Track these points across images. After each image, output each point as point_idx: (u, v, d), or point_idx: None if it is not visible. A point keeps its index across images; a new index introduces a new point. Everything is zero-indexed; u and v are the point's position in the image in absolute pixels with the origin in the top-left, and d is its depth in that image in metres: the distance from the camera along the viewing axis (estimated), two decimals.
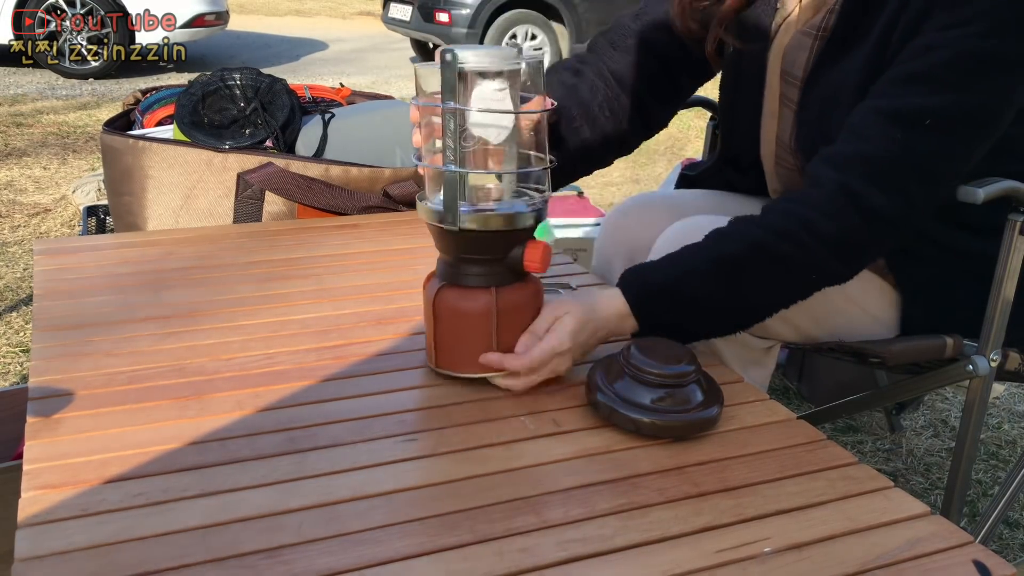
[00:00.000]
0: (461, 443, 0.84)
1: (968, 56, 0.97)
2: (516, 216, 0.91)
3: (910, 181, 0.98)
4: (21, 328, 2.21)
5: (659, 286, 0.97)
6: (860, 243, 0.99)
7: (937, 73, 0.97)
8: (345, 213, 1.56)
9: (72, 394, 0.89)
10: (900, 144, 0.97)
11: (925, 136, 0.97)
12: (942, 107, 0.97)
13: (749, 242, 0.98)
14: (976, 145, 1.00)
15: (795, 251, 0.97)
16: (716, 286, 0.97)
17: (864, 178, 0.97)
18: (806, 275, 1.00)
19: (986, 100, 0.98)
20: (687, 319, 0.98)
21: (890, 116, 0.98)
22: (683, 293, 0.97)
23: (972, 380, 1.15)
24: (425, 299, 0.96)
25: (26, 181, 3.47)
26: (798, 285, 1.01)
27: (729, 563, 0.69)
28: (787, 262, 0.98)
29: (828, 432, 1.45)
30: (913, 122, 0.97)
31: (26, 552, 0.66)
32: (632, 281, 0.98)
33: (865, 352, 1.16)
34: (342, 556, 0.67)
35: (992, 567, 0.69)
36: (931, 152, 0.98)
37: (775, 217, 0.99)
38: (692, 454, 0.84)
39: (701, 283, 0.97)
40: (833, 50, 1.10)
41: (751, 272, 0.98)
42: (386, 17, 7.45)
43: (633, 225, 1.31)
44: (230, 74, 1.74)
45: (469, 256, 0.93)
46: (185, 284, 1.16)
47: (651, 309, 0.97)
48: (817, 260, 0.98)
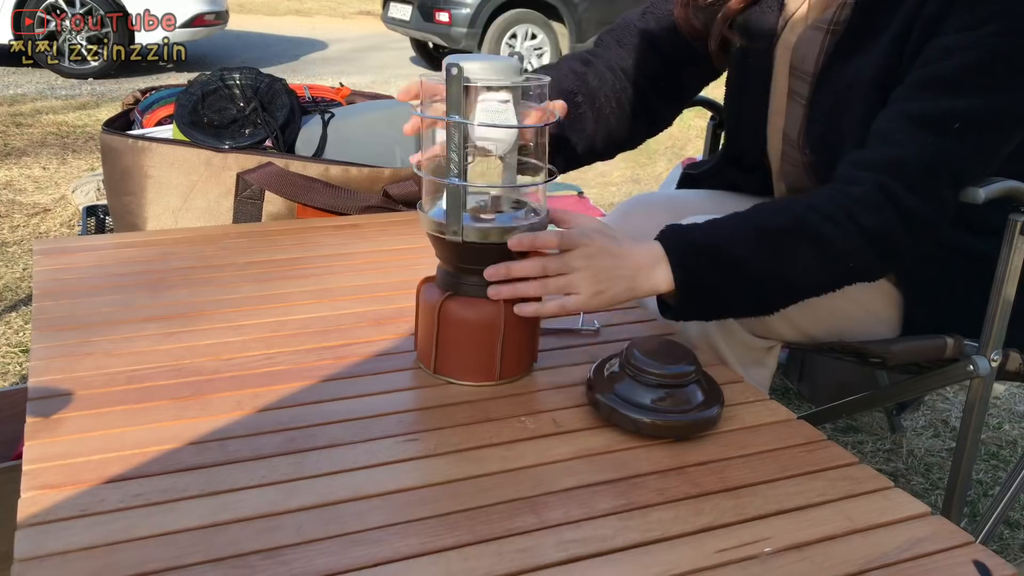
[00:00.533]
0: (461, 443, 0.84)
1: (990, 58, 0.97)
2: (516, 229, 0.91)
3: (943, 185, 0.99)
4: (21, 328, 2.21)
5: (702, 243, 0.94)
6: (897, 241, 0.99)
7: (961, 76, 0.98)
8: (345, 213, 1.56)
9: (72, 394, 0.89)
10: (931, 148, 0.98)
11: (955, 140, 0.98)
12: (969, 110, 0.97)
13: (794, 215, 0.97)
14: (1004, 145, 1.01)
15: (837, 234, 0.96)
16: (759, 253, 0.94)
17: (899, 181, 0.97)
18: (843, 261, 0.98)
19: (1012, 100, 0.98)
20: (725, 284, 0.95)
21: (918, 120, 0.98)
22: (727, 254, 0.94)
23: (973, 380, 1.15)
24: (424, 305, 0.96)
25: (25, 181, 3.47)
26: (834, 270, 0.99)
27: (729, 563, 0.69)
28: (828, 243, 0.96)
29: (828, 432, 1.45)
30: (942, 126, 0.97)
31: (26, 552, 0.66)
32: (672, 235, 0.95)
33: (866, 352, 1.16)
34: (342, 556, 0.67)
35: (992, 567, 0.69)
36: (961, 155, 0.99)
37: (820, 200, 0.98)
38: (692, 454, 0.84)
39: (744, 246, 0.94)
40: (846, 45, 1.10)
41: (793, 245, 0.96)
42: (386, 17, 7.45)
43: (634, 225, 1.31)
44: (230, 74, 1.74)
45: (469, 267, 0.93)
46: (185, 284, 1.16)
47: (691, 264, 0.93)
48: (856, 248, 0.97)
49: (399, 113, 1.81)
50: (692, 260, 0.93)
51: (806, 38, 1.15)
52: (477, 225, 0.90)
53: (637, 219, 1.31)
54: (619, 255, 0.92)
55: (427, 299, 0.96)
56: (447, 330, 0.94)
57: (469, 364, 0.95)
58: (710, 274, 0.94)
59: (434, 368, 0.96)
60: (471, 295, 0.93)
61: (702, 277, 0.94)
